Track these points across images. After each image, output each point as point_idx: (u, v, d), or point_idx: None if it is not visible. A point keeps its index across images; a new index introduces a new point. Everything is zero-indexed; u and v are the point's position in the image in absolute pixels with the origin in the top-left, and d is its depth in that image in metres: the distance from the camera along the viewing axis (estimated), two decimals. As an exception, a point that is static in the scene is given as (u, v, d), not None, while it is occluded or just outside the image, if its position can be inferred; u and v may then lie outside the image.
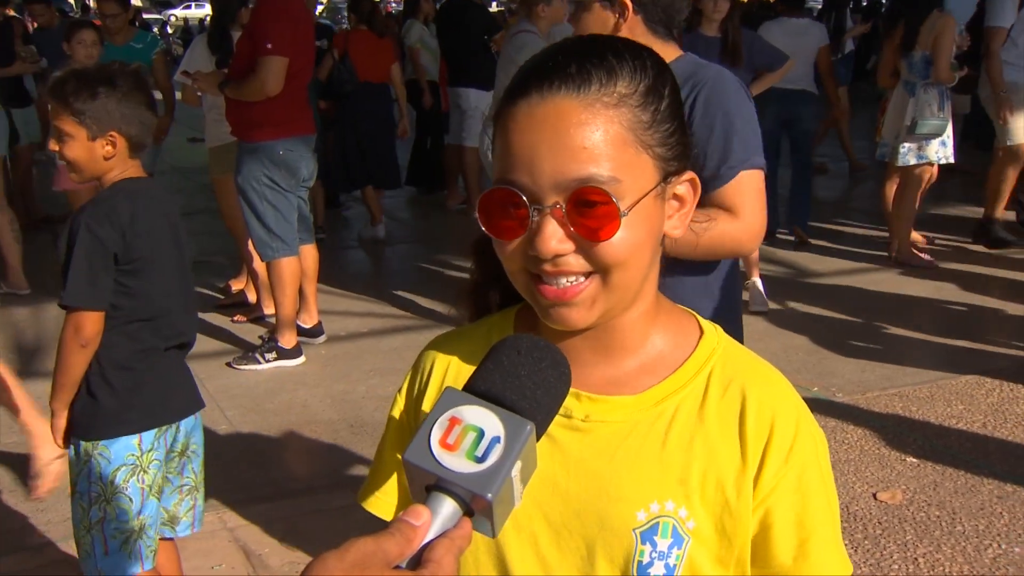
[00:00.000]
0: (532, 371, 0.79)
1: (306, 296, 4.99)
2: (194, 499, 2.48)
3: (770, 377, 1.00)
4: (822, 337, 4.97)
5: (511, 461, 0.73)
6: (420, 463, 0.74)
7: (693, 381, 0.97)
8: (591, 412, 0.97)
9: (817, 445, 0.97)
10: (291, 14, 4.44)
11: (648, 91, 0.90)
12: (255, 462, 3.73)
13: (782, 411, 0.96)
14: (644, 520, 0.93)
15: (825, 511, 0.96)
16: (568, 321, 0.91)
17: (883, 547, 3.05)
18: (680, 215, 0.96)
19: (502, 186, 0.88)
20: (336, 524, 3.20)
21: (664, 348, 0.99)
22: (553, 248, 0.87)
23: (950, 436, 3.83)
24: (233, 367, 4.68)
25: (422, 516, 0.72)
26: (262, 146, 4.50)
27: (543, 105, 0.87)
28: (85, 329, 2.18)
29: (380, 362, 4.77)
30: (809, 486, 0.95)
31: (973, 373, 4.42)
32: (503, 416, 0.75)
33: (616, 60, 0.89)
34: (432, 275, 6.44)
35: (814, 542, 0.95)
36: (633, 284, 0.92)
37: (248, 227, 4.67)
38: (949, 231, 6.83)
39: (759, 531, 0.95)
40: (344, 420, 4.11)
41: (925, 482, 3.46)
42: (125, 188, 2.29)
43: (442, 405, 0.77)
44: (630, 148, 0.88)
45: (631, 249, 0.89)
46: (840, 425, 3.93)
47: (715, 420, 0.96)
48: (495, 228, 0.90)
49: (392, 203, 9.12)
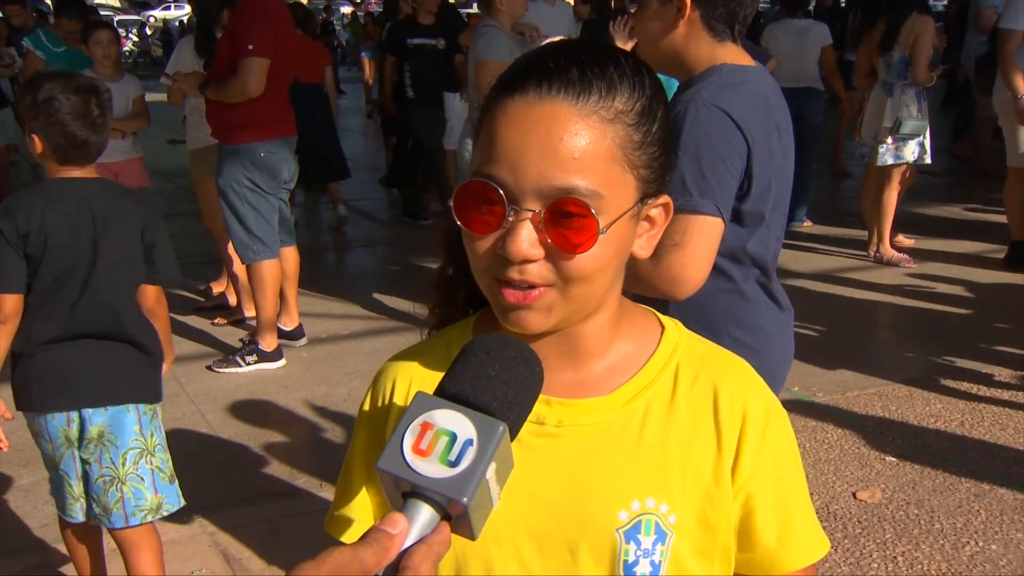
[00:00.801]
0: (502, 370, 0.78)
1: (287, 299, 4.97)
2: (120, 492, 2.49)
3: (738, 367, 1.02)
4: (802, 337, 4.99)
5: (485, 463, 0.73)
6: (394, 471, 0.73)
7: (660, 377, 0.98)
8: (563, 417, 0.96)
9: (787, 427, 1.00)
10: (272, 16, 4.42)
11: (643, 111, 0.89)
12: (235, 465, 3.71)
13: (752, 397, 0.98)
14: (627, 520, 0.93)
15: (802, 490, 1.00)
16: (525, 325, 0.91)
17: (862, 546, 3.07)
18: (649, 236, 0.96)
19: (483, 179, 0.86)
20: (317, 527, 3.17)
21: (629, 349, 1.00)
22: (524, 252, 0.85)
23: (928, 435, 3.86)
24: (213, 370, 4.66)
25: (398, 524, 0.71)
26: (243, 148, 4.48)
27: (539, 106, 0.85)
28: (2, 309, 2.36)
29: (361, 364, 4.76)
30: (785, 466, 0.98)
31: (951, 373, 4.45)
32: (475, 418, 0.74)
33: (617, 74, 0.88)
34: (412, 277, 6.42)
35: (795, 521, 0.98)
36: (592, 298, 0.92)
37: (229, 229, 4.65)
38: (929, 231, 6.89)
39: (742, 515, 0.96)
40: (325, 422, 4.10)
41: (904, 481, 3.48)
42: (41, 187, 2.47)
43: (413, 410, 0.76)
44: (617, 165, 0.87)
45: (599, 265, 0.88)
46: (820, 425, 3.96)
47: (687, 412, 0.97)
48: (469, 220, 0.88)
49: (373, 205, 9.11)
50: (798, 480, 0.99)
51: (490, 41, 4.11)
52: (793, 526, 0.97)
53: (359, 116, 15.38)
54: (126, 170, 5.40)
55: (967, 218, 7.37)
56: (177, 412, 4.21)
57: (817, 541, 1.00)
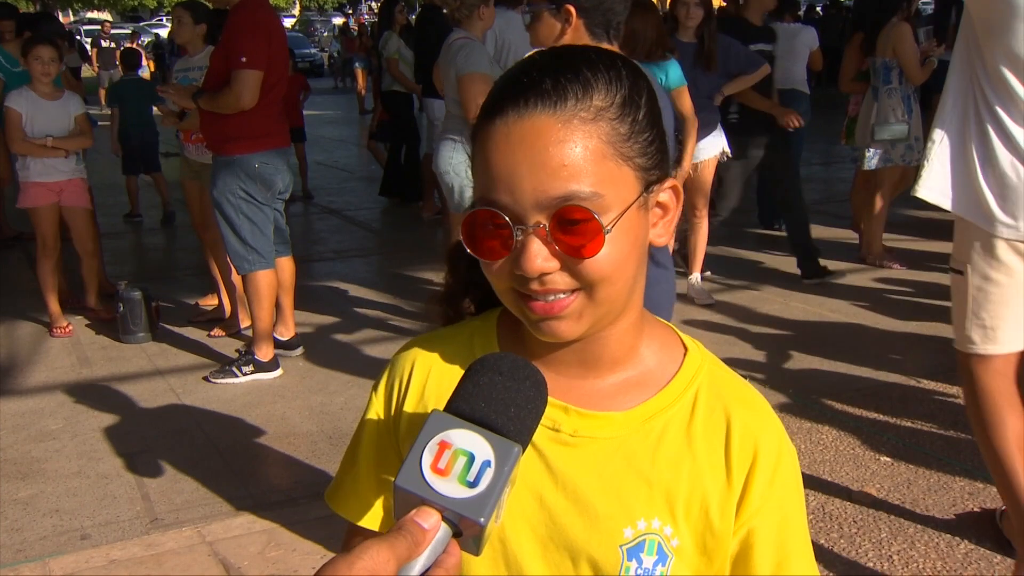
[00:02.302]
0: (515, 393, 0.79)
1: (283, 308, 4.99)
2: None
3: (752, 401, 1.00)
4: (797, 339, 5.03)
5: (502, 484, 0.74)
6: (413, 489, 0.74)
7: (680, 399, 0.98)
8: (579, 427, 0.96)
9: (796, 467, 1.00)
10: (264, 28, 4.45)
11: (625, 102, 0.89)
12: (233, 475, 3.72)
13: (765, 435, 0.98)
14: (631, 537, 0.94)
15: (802, 532, 0.99)
16: (557, 334, 0.91)
17: (858, 545, 3.09)
18: (664, 222, 0.96)
19: (484, 207, 0.88)
20: (316, 536, 3.20)
21: (651, 363, 1.00)
22: (539, 267, 0.86)
23: (922, 436, 3.89)
24: (210, 381, 4.67)
25: (431, 518, 0.72)
26: (238, 159, 4.50)
27: (520, 123, 0.86)
28: None
29: (357, 373, 4.77)
30: (790, 508, 0.97)
31: (945, 374, 4.48)
32: (492, 439, 0.75)
33: (591, 72, 0.88)
34: (408, 285, 6.45)
35: (792, 561, 0.97)
36: (620, 297, 0.92)
37: (224, 240, 4.66)
38: (920, 233, 6.93)
39: (740, 550, 0.96)
40: (323, 432, 4.11)
41: (899, 480, 3.50)
42: None
43: (430, 429, 0.76)
44: (610, 161, 0.87)
45: (616, 263, 0.89)
46: (815, 426, 3.98)
47: (702, 442, 0.96)
48: (480, 249, 0.90)
49: (368, 214, 9.14)
50: (799, 521, 0.99)
51: (470, 54, 4.17)
52: (789, 566, 0.97)
53: (353, 126, 15.40)
54: (68, 189, 5.40)
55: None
56: (174, 423, 4.22)
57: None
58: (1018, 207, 2.45)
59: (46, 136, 5.23)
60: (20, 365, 5.05)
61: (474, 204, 0.90)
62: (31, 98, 5.27)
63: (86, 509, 3.47)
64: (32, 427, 4.22)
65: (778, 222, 7.49)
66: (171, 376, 4.82)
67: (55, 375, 4.89)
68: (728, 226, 7.55)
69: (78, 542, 3.25)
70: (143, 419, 4.28)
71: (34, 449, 3.99)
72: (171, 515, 3.41)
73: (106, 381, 4.78)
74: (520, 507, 0.95)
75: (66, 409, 4.41)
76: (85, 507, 3.49)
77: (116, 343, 5.29)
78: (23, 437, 4.13)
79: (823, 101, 7.85)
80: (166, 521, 3.37)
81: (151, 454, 3.91)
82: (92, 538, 3.27)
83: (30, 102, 5.26)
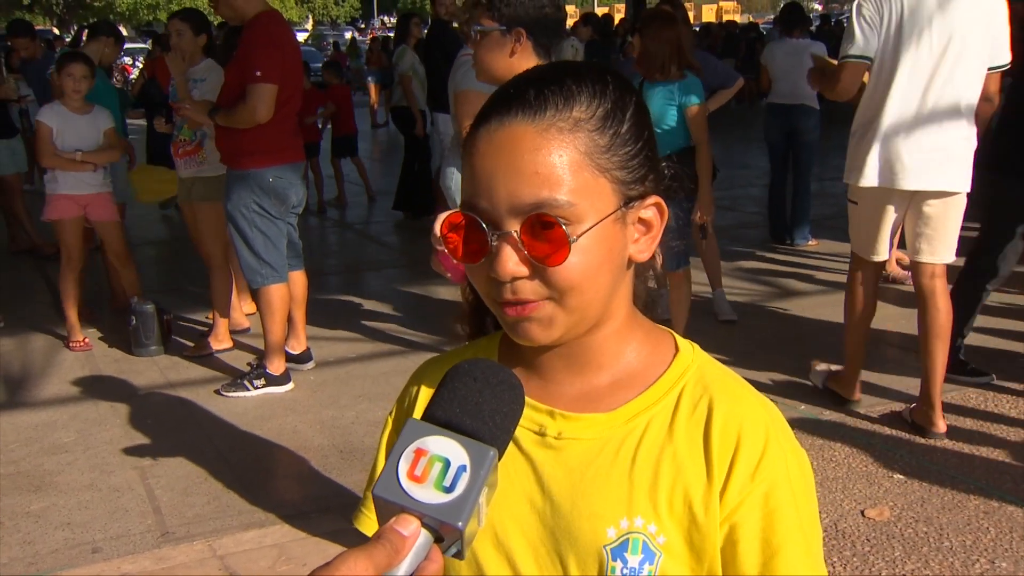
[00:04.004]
0: (489, 397, 0.80)
1: (295, 322, 5.00)
2: None
3: (739, 392, 0.98)
4: (808, 354, 5.00)
5: (478, 488, 0.75)
6: (390, 497, 0.75)
7: (665, 397, 0.98)
8: (564, 430, 0.98)
9: (789, 461, 0.95)
10: (279, 42, 4.48)
11: (607, 115, 0.90)
12: (244, 489, 3.72)
13: (749, 427, 0.95)
14: (614, 537, 0.94)
15: (795, 529, 0.93)
16: (531, 337, 0.93)
17: (871, 564, 3.07)
18: (646, 239, 0.97)
19: (464, 212, 0.91)
20: (326, 550, 3.20)
21: (637, 364, 1.00)
22: (510, 270, 0.89)
23: (936, 452, 3.86)
24: (221, 394, 4.68)
25: (410, 524, 0.73)
26: (252, 173, 4.52)
27: (500, 131, 0.89)
28: None
29: (369, 387, 4.78)
30: (777, 504, 0.93)
31: (958, 390, 4.45)
32: (467, 444, 0.76)
33: (575, 85, 0.91)
34: (420, 300, 6.46)
35: (780, 560, 0.93)
36: (591, 307, 0.93)
37: (237, 254, 4.68)
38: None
39: (726, 546, 0.94)
40: (333, 445, 4.11)
41: (912, 498, 3.48)
42: None
43: (406, 437, 0.77)
44: (585, 172, 0.89)
45: (584, 274, 0.90)
46: (827, 443, 3.95)
47: (683, 436, 0.96)
48: (460, 252, 0.93)
49: (380, 228, 9.17)
50: (793, 517, 0.93)
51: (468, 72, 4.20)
52: (778, 564, 0.92)
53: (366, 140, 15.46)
54: (95, 203, 5.45)
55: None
56: (185, 436, 4.23)
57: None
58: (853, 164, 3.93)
59: (75, 151, 5.30)
60: (34, 377, 5.08)
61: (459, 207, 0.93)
62: (61, 112, 5.35)
63: (97, 522, 3.48)
64: (45, 440, 4.24)
65: (789, 236, 7.49)
66: (183, 389, 4.83)
67: (68, 388, 4.91)
68: (740, 242, 7.54)
69: (89, 555, 3.26)
70: (155, 432, 4.29)
71: (47, 462, 4.01)
72: (182, 529, 3.42)
73: (118, 394, 4.79)
74: (513, 512, 0.97)
75: (78, 422, 4.43)
76: (96, 520, 3.49)
77: (128, 356, 5.32)
78: (36, 450, 4.14)
79: (835, 115, 7.84)
80: (177, 535, 3.38)
81: (162, 467, 3.92)
82: (103, 551, 3.28)
83: (60, 116, 5.34)
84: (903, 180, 3.76)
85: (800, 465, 0.97)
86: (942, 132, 3.72)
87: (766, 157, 7.89)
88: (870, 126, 3.81)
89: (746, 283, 6.51)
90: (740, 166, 11.43)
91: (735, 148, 12.95)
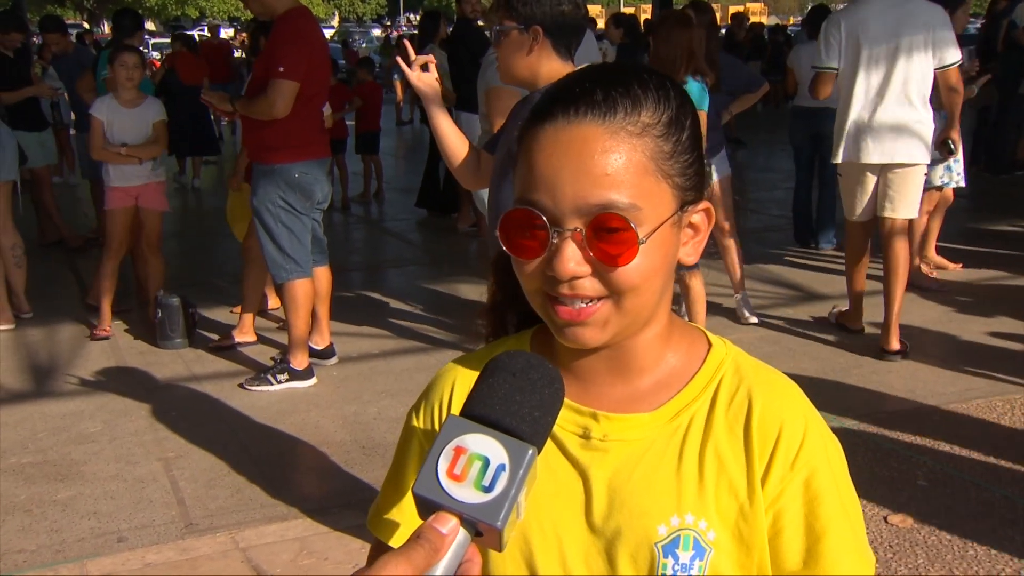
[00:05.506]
0: (529, 393, 0.80)
1: (319, 317, 5.03)
2: None
3: (776, 382, 1.01)
4: (831, 360, 4.98)
5: (517, 487, 0.75)
6: (430, 496, 0.75)
7: (703, 393, 0.99)
8: (609, 431, 0.98)
9: (828, 448, 0.98)
10: (306, 39, 4.50)
11: (671, 122, 0.92)
12: (266, 482, 3.75)
13: (788, 416, 0.97)
14: (665, 534, 0.95)
15: (839, 513, 0.96)
16: (582, 340, 0.94)
17: (895, 571, 3.05)
18: (694, 243, 0.99)
19: (524, 207, 0.91)
20: (348, 545, 3.22)
21: (676, 364, 1.01)
22: (571, 270, 0.89)
23: (961, 460, 3.83)
24: (245, 388, 4.72)
25: (449, 522, 0.73)
26: (278, 168, 4.55)
27: (568, 130, 0.90)
28: None
29: (391, 383, 4.80)
30: (819, 490, 0.95)
31: (984, 397, 4.41)
32: (506, 442, 0.76)
33: (641, 90, 0.92)
34: (442, 297, 6.47)
35: (826, 544, 0.95)
36: (645, 308, 0.95)
37: (262, 248, 4.71)
38: (960, 255, 6.83)
39: (771, 535, 0.96)
40: (356, 441, 4.14)
41: (937, 506, 3.45)
42: None
43: (445, 434, 0.77)
44: (650, 177, 0.90)
45: (645, 275, 0.91)
46: (851, 449, 3.91)
47: (723, 429, 0.97)
48: (515, 247, 0.93)
49: (403, 225, 9.19)
50: (836, 502, 0.96)
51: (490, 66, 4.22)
52: (823, 550, 0.94)
53: (391, 136, 15.51)
54: (145, 193, 5.52)
55: (1006, 236, 7.32)
56: (209, 430, 4.27)
57: (854, 563, 0.96)
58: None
59: (121, 144, 5.38)
60: (61, 367, 5.14)
61: (514, 203, 0.93)
62: (112, 106, 5.45)
63: (123, 512, 3.52)
64: (72, 429, 4.29)
65: (814, 240, 7.44)
66: (207, 382, 4.88)
67: (94, 378, 4.96)
68: (764, 245, 7.51)
69: (115, 544, 3.30)
70: (179, 424, 4.33)
71: (74, 451, 4.06)
72: (205, 520, 3.45)
73: (144, 386, 4.84)
74: (559, 514, 0.98)
75: (105, 412, 4.48)
76: (122, 510, 3.53)
77: (154, 348, 5.37)
78: (63, 439, 4.19)
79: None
80: (200, 526, 3.41)
81: (186, 459, 3.96)
82: (128, 541, 3.32)
83: (111, 109, 5.44)
84: (870, 155, 4.89)
85: (838, 451, 1.00)
86: (897, 117, 4.81)
87: (791, 160, 7.84)
88: (844, 117, 4.95)
89: (769, 286, 6.48)
90: (764, 169, 11.37)
91: (759, 151, 12.89)
